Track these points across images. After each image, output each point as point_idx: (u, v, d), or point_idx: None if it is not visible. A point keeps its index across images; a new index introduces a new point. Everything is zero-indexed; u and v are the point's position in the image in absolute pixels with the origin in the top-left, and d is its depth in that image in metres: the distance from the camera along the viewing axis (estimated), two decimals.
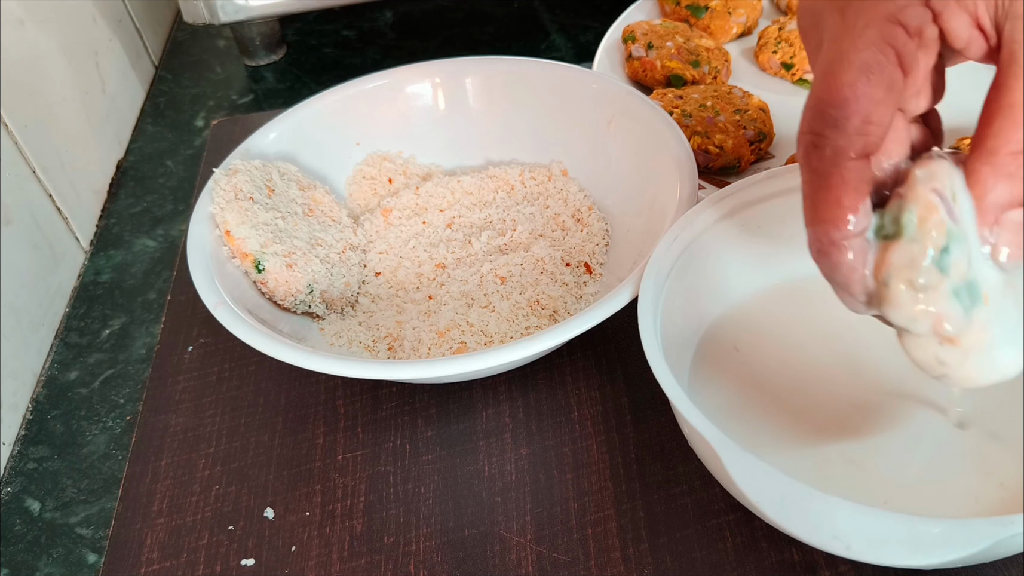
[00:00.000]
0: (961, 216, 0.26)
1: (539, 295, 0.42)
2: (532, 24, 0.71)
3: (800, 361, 0.37)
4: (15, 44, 0.50)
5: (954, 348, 0.26)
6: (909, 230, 0.26)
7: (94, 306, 0.50)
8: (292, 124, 0.48)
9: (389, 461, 0.39)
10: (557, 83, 0.48)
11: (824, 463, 0.33)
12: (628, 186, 0.45)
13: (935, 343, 0.27)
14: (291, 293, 0.41)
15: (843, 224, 0.26)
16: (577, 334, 0.35)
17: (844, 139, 0.25)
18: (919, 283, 0.26)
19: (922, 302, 0.26)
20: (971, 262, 0.26)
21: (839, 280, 0.27)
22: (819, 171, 0.26)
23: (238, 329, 0.36)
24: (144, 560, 0.36)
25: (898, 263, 0.26)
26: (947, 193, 0.26)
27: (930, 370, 0.27)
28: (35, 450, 0.43)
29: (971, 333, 0.26)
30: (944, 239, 0.25)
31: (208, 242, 0.40)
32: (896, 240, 0.26)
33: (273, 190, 0.43)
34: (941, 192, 0.26)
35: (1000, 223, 0.26)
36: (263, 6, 0.62)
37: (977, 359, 0.26)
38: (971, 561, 0.27)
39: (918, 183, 0.26)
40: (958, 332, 0.26)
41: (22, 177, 0.48)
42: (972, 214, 0.26)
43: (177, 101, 0.67)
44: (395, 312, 0.43)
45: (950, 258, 0.25)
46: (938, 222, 0.25)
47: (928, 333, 0.26)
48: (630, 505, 0.36)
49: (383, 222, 0.47)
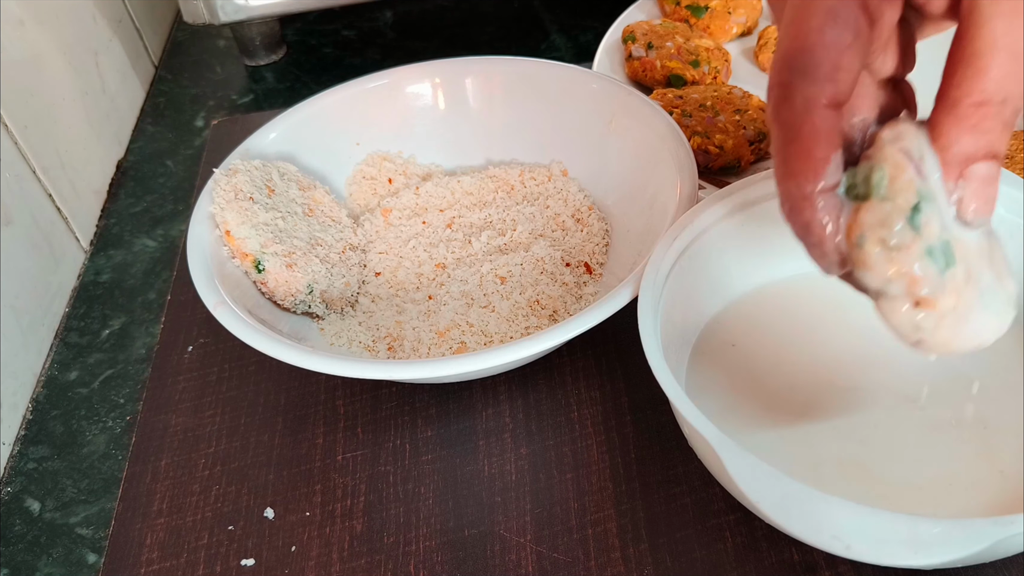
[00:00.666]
0: (929, 175, 0.25)
1: (539, 295, 0.42)
2: (532, 24, 0.71)
3: (798, 359, 0.37)
4: (15, 44, 0.50)
5: (930, 312, 0.26)
6: (880, 190, 0.25)
7: (94, 306, 0.50)
8: (292, 124, 0.48)
9: (389, 461, 0.39)
10: (557, 83, 0.48)
11: (823, 461, 0.33)
12: (628, 186, 0.45)
13: (910, 306, 0.26)
14: (291, 293, 0.41)
15: (815, 176, 0.25)
16: (577, 334, 0.35)
17: (815, 86, 0.24)
18: (892, 243, 0.25)
19: (896, 263, 0.25)
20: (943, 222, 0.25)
21: (812, 239, 0.26)
22: (789, 123, 0.25)
23: (238, 329, 0.36)
24: (144, 560, 0.36)
25: (870, 223, 0.25)
26: (915, 153, 0.25)
27: (906, 336, 0.27)
28: (35, 450, 0.43)
29: (946, 295, 0.25)
30: (915, 197, 0.25)
31: (208, 242, 0.40)
32: (867, 200, 0.25)
33: (273, 190, 0.43)
34: (909, 151, 0.25)
35: (965, 176, 0.25)
36: (263, 6, 0.62)
37: (953, 323, 0.26)
38: (972, 561, 0.27)
39: (886, 144, 0.26)
40: (934, 293, 0.25)
41: (22, 177, 0.48)
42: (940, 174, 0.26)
43: (177, 101, 0.67)
44: (395, 312, 0.43)
45: (922, 217, 0.25)
46: (908, 181, 0.25)
47: (903, 295, 0.26)
48: (630, 505, 0.36)
49: (383, 222, 0.47)
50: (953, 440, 0.33)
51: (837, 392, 0.36)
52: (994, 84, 0.23)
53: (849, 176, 0.26)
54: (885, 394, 0.35)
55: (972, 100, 0.24)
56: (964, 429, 0.34)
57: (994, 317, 0.26)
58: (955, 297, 0.25)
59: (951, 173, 0.25)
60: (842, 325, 0.38)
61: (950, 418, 0.34)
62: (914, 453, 0.33)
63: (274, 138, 0.47)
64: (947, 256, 0.25)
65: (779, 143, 0.25)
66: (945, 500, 0.31)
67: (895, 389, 0.35)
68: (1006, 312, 0.27)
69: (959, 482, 0.32)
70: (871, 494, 0.32)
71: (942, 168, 0.25)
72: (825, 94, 0.24)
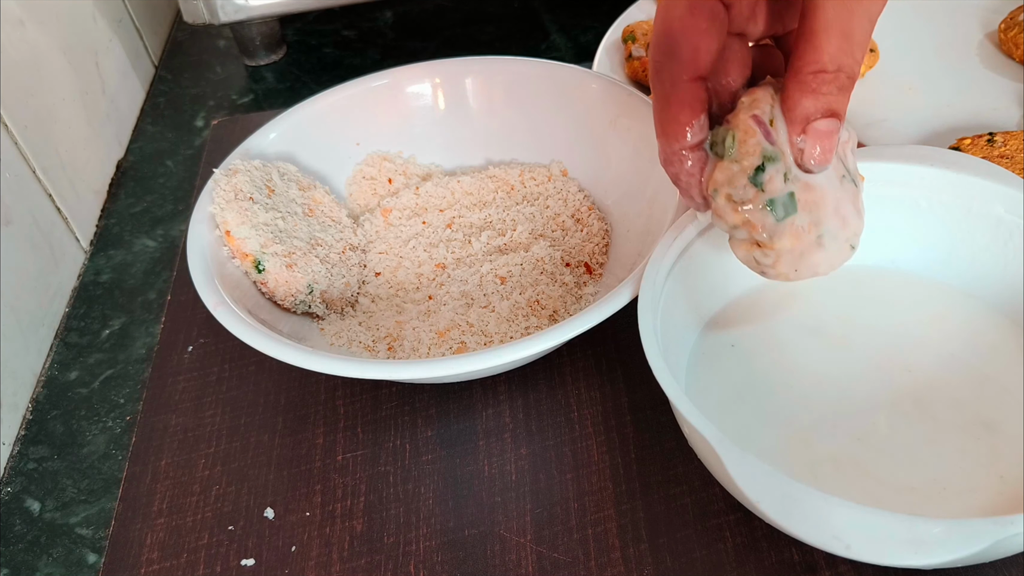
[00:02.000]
0: (778, 137, 0.30)
1: (539, 295, 0.42)
2: (532, 24, 0.71)
3: (798, 358, 0.37)
4: (15, 44, 0.50)
5: (768, 251, 0.31)
6: (731, 152, 0.31)
7: (94, 306, 0.50)
8: (292, 124, 0.48)
9: (389, 461, 0.39)
10: (557, 83, 0.48)
11: (822, 461, 0.33)
12: (628, 186, 0.45)
13: (753, 246, 0.31)
14: (291, 293, 0.41)
15: (682, 137, 0.31)
16: (577, 334, 0.35)
17: (679, 65, 0.30)
18: (736, 197, 0.31)
19: (739, 214, 0.31)
20: (788, 178, 0.30)
21: (680, 187, 0.32)
22: (661, 94, 0.31)
23: (238, 329, 0.36)
24: (144, 560, 0.36)
25: (720, 180, 0.31)
26: (766, 118, 0.30)
27: (751, 268, 0.32)
28: (35, 450, 0.43)
29: (784, 239, 0.31)
30: (759, 159, 0.30)
31: (208, 242, 0.40)
32: (721, 160, 0.31)
33: (273, 190, 0.43)
34: (760, 117, 0.30)
35: (807, 132, 0.30)
36: (263, 6, 0.62)
37: (790, 260, 0.31)
38: (971, 561, 0.27)
39: (741, 110, 0.31)
40: (771, 237, 0.31)
41: (22, 177, 0.48)
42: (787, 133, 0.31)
43: (177, 101, 0.67)
44: (395, 312, 0.43)
45: (765, 175, 0.30)
46: (755, 144, 0.30)
47: (747, 239, 0.31)
48: (630, 505, 0.36)
49: (383, 222, 0.47)
50: (953, 442, 0.33)
51: (837, 392, 0.36)
52: (828, 56, 0.28)
53: (713, 135, 0.31)
54: (885, 394, 0.35)
55: (811, 69, 0.29)
56: (965, 431, 0.34)
57: (831, 256, 0.32)
58: (793, 239, 0.31)
59: (795, 130, 0.30)
60: (842, 325, 0.38)
61: (951, 420, 0.34)
62: (913, 454, 0.33)
63: (274, 138, 0.47)
64: (787, 207, 0.30)
65: (655, 110, 0.31)
66: (942, 503, 0.31)
67: (895, 389, 0.35)
68: (843, 251, 0.32)
69: (957, 485, 0.32)
70: (869, 495, 0.32)
71: (787, 127, 0.30)
72: (687, 71, 0.30)
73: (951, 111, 0.52)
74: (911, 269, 0.39)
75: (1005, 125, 0.50)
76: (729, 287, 0.39)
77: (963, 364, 0.36)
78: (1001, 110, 0.51)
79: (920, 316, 0.38)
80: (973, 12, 0.59)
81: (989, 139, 0.46)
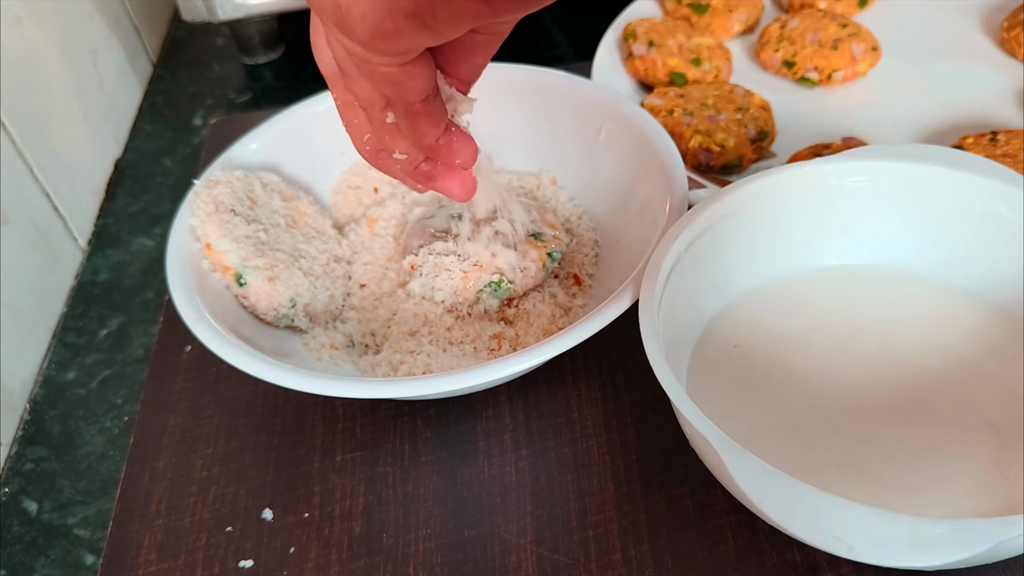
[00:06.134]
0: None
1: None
2: (532, 23, 0.71)
3: (801, 359, 0.37)
4: (12, 43, 0.50)
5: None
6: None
7: (92, 306, 0.50)
8: (276, 133, 0.46)
9: (388, 462, 0.39)
10: (546, 91, 0.47)
11: (824, 462, 0.33)
12: (618, 195, 0.44)
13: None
14: (273, 307, 0.40)
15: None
16: (578, 342, 0.34)
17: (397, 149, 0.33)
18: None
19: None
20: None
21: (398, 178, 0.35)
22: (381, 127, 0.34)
23: (215, 345, 0.35)
24: (142, 561, 0.36)
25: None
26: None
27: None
28: (33, 451, 0.43)
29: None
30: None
31: (188, 254, 0.40)
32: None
33: (255, 201, 0.42)
34: None
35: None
36: (261, 4, 0.62)
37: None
38: (974, 562, 0.27)
39: None
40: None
41: (19, 176, 0.48)
42: None
43: (175, 100, 0.67)
44: (387, 313, 0.43)
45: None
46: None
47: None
48: (631, 506, 0.36)
49: (368, 232, 0.46)
50: (957, 444, 0.33)
51: (840, 393, 0.36)
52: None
53: None
54: (888, 395, 0.35)
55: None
56: (969, 433, 0.33)
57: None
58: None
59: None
60: (844, 325, 0.38)
61: (955, 421, 0.34)
62: (917, 455, 0.33)
63: (256, 148, 0.46)
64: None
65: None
66: (946, 504, 0.31)
67: (898, 390, 0.35)
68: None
69: (962, 486, 0.32)
70: (872, 496, 0.32)
71: None
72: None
73: (954, 110, 0.51)
74: (914, 269, 0.39)
75: (1008, 124, 0.50)
76: (731, 287, 0.39)
77: (967, 364, 0.36)
78: (1004, 109, 0.51)
79: (924, 316, 0.38)
80: (975, 11, 0.59)
81: (992, 138, 0.46)
